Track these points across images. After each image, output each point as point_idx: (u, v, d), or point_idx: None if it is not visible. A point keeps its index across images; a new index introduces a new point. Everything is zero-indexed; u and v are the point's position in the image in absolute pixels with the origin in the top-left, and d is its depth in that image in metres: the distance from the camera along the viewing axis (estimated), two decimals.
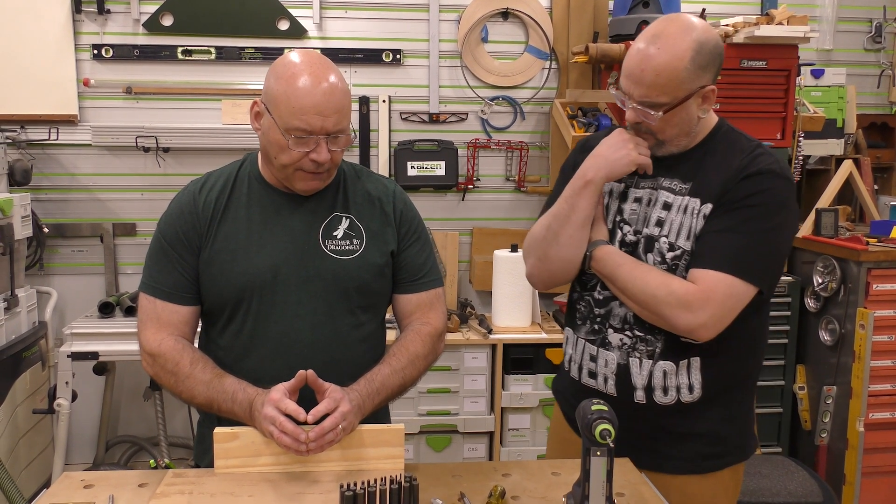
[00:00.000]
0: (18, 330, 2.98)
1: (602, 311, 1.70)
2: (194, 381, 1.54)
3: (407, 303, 1.72)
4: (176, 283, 1.60)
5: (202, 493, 1.43)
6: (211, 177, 1.67)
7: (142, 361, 1.61)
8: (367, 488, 1.19)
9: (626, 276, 1.61)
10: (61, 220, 3.40)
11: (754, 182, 1.57)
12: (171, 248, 1.60)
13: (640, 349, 1.65)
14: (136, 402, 3.46)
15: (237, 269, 1.58)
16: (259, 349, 1.61)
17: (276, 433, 1.42)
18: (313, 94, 1.48)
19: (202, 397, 1.53)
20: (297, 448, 1.42)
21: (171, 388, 1.58)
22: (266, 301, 1.59)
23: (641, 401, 1.65)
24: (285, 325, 1.60)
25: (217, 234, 1.60)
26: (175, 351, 1.56)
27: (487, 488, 1.49)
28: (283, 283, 1.59)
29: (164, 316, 1.59)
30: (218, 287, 1.60)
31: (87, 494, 1.47)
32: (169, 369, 1.55)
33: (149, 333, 1.59)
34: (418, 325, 1.70)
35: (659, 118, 1.57)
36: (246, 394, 1.50)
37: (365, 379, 1.57)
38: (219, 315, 1.63)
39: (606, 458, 1.32)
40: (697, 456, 1.68)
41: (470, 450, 3.20)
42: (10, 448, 2.85)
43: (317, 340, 1.60)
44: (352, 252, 1.63)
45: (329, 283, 1.61)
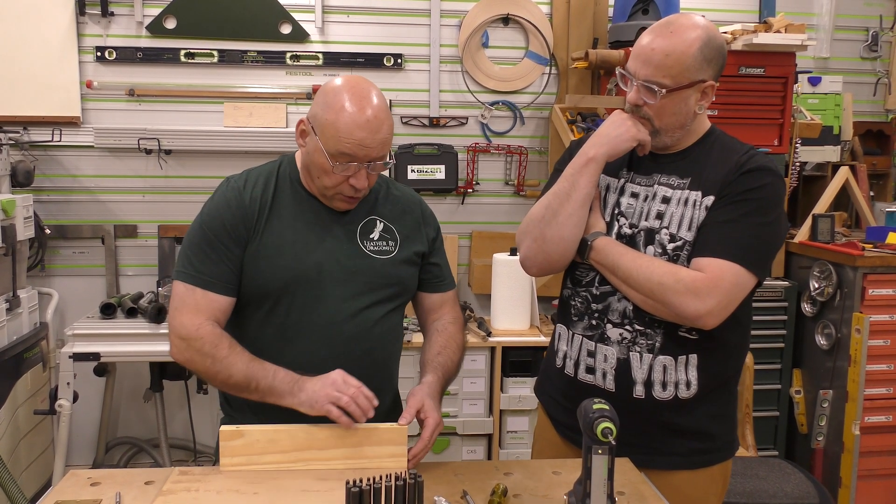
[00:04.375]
0: (20, 331, 2.99)
1: (600, 306, 1.72)
2: (233, 360, 1.57)
3: (434, 300, 1.85)
4: (221, 274, 1.63)
5: (208, 491, 1.44)
6: (251, 175, 1.72)
7: (171, 348, 1.63)
8: (372, 485, 1.21)
9: (629, 266, 1.63)
10: (63, 221, 3.41)
11: (754, 177, 1.62)
12: (216, 239, 1.63)
13: (640, 343, 1.67)
14: (136, 403, 3.47)
15: (283, 264, 1.64)
16: (303, 339, 1.66)
17: (346, 399, 1.49)
18: (360, 127, 1.56)
19: (240, 375, 1.56)
20: (349, 423, 1.51)
21: (204, 370, 1.60)
22: (311, 295, 1.66)
23: (640, 396, 1.67)
24: (329, 317, 1.66)
25: (265, 230, 1.65)
26: (214, 335, 1.59)
27: (489, 487, 1.51)
28: (328, 278, 1.66)
29: (202, 304, 1.61)
30: (263, 279, 1.65)
31: (94, 492, 1.48)
32: (206, 351, 1.57)
33: (185, 318, 1.61)
34: (451, 318, 1.85)
35: (660, 98, 1.61)
36: (289, 373, 1.56)
37: (433, 373, 1.69)
38: (257, 307, 1.67)
39: (608, 456, 1.33)
40: (690, 452, 1.71)
41: (469, 452, 3.22)
42: (10, 449, 2.86)
43: (357, 332, 1.68)
44: (388, 252, 1.73)
45: (369, 280, 1.70)
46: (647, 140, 1.68)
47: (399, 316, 1.81)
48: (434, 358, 1.75)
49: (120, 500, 1.43)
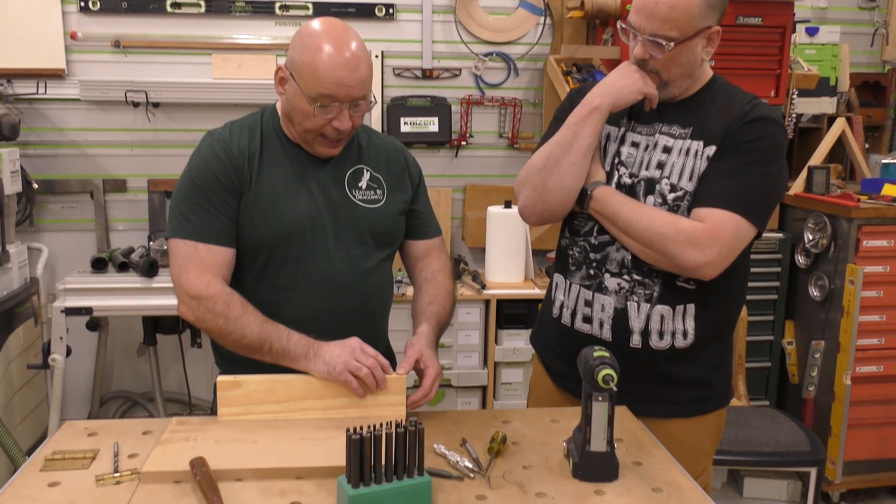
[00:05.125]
0: (10, 286, 2.96)
1: (598, 255, 1.71)
2: (247, 320, 1.55)
3: (420, 248, 1.85)
4: (220, 226, 1.61)
5: (207, 440, 1.44)
6: (234, 127, 1.69)
7: (180, 307, 1.60)
8: (373, 432, 1.21)
9: (629, 215, 1.61)
10: (51, 175, 3.36)
11: (756, 127, 1.60)
12: (210, 191, 1.60)
13: (638, 293, 1.66)
14: (129, 357, 3.47)
15: (277, 216, 1.62)
16: (302, 292, 1.65)
17: (365, 371, 1.50)
18: (338, 65, 1.54)
19: (254, 336, 1.54)
20: (362, 395, 1.53)
21: (216, 330, 1.58)
22: (305, 247, 1.64)
23: (637, 345, 1.68)
24: (324, 268, 1.65)
25: (257, 180, 1.63)
26: (226, 294, 1.57)
27: (488, 435, 1.51)
28: (321, 230, 1.65)
29: (207, 259, 1.59)
30: (259, 232, 1.63)
31: (91, 442, 1.48)
32: (219, 311, 1.55)
33: (193, 277, 1.58)
34: (439, 266, 1.84)
35: (668, 51, 1.58)
36: (303, 337, 1.55)
37: (427, 323, 1.68)
38: (252, 261, 1.66)
39: (608, 403, 1.34)
40: (685, 400, 1.72)
41: (463, 403, 3.24)
42: (4, 403, 2.85)
43: (352, 282, 1.68)
44: (377, 201, 1.72)
45: (360, 229, 1.70)
46: (654, 94, 1.65)
47: (389, 265, 1.80)
48: (426, 308, 1.74)
49: (118, 451, 1.42)
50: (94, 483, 1.31)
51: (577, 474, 1.36)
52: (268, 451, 1.40)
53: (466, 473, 1.36)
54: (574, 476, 1.36)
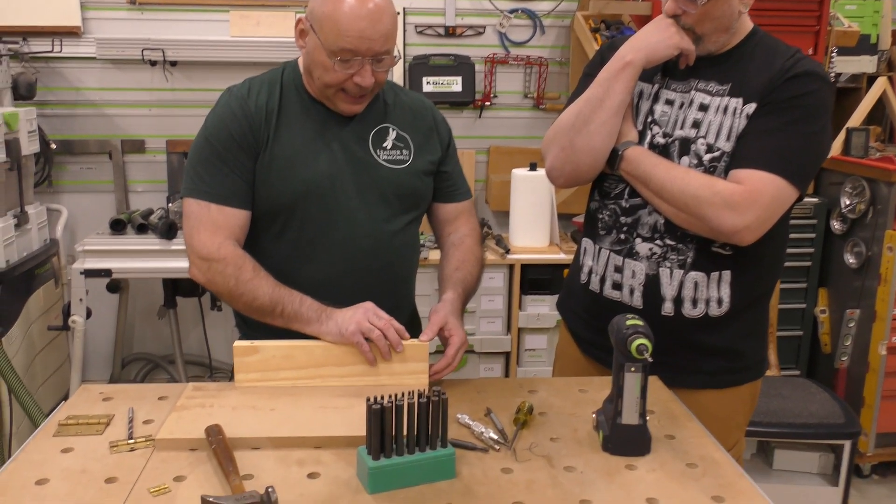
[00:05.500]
0: (30, 247, 2.94)
1: (629, 219, 1.64)
2: (258, 283, 1.50)
3: (448, 211, 1.77)
4: (234, 187, 1.55)
5: (223, 407, 1.40)
6: (253, 83, 1.62)
7: (191, 268, 1.56)
8: (394, 402, 1.15)
9: (663, 177, 1.53)
10: (69, 136, 3.32)
11: (800, 83, 1.50)
12: (225, 151, 1.54)
13: (670, 259, 1.59)
14: (150, 320, 3.45)
15: (295, 176, 1.56)
16: (322, 256, 1.60)
17: (376, 333, 1.44)
18: (360, 17, 1.46)
19: (266, 298, 1.50)
20: (374, 361, 1.48)
21: (227, 292, 1.53)
22: (325, 208, 1.58)
23: (669, 313, 1.61)
24: (345, 231, 1.59)
25: (275, 139, 1.57)
26: (237, 255, 1.52)
27: (513, 405, 1.45)
28: (342, 190, 1.58)
29: (220, 220, 1.54)
30: (275, 192, 1.57)
31: (106, 407, 1.44)
32: (230, 273, 1.51)
33: (204, 238, 1.53)
34: (468, 230, 1.76)
35: (700, 5, 1.49)
36: (316, 301, 1.50)
37: (452, 290, 1.62)
38: (270, 222, 1.60)
39: (641, 374, 1.27)
40: (719, 371, 1.66)
41: (486, 370, 3.19)
42: (26, 364, 2.84)
43: (375, 246, 1.62)
44: (402, 161, 1.65)
45: (384, 191, 1.62)
46: (690, 49, 1.56)
47: (416, 229, 1.74)
48: (453, 274, 1.67)
49: (133, 416, 1.39)
50: (107, 449, 1.27)
51: (607, 448, 1.30)
52: (286, 419, 1.35)
53: (491, 445, 1.30)
54: (604, 449, 1.30)
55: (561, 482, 1.20)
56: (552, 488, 1.18)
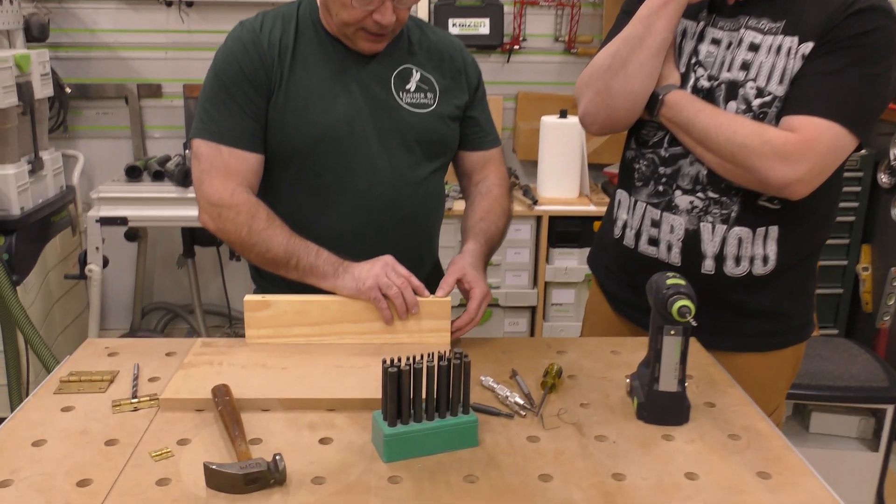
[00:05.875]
0: (45, 194, 2.88)
1: (669, 170, 1.52)
2: (272, 232, 1.41)
3: (476, 160, 1.66)
4: (244, 128, 1.44)
5: (232, 365, 1.32)
6: (267, 17, 1.51)
7: (201, 215, 1.47)
8: (412, 365, 1.06)
9: (707, 124, 1.41)
10: (84, 80, 3.23)
11: (863, 19, 1.35)
12: (236, 88, 1.44)
13: (713, 213, 1.48)
14: (170, 269, 3.40)
15: (311, 118, 1.45)
16: (339, 206, 1.50)
17: (394, 290, 1.35)
18: None
19: (280, 249, 1.40)
20: (390, 319, 1.39)
21: (239, 241, 1.44)
22: (343, 155, 1.48)
23: (709, 271, 1.50)
24: (365, 180, 1.49)
25: (289, 79, 1.45)
26: (250, 203, 1.42)
27: (540, 366, 1.36)
28: (361, 136, 1.48)
29: (231, 164, 1.44)
30: (290, 135, 1.46)
31: (111, 363, 1.37)
32: (241, 221, 1.41)
33: (216, 183, 1.43)
34: (496, 179, 1.65)
35: None
36: (333, 255, 1.42)
37: (474, 240, 1.52)
38: (284, 168, 1.50)
39: (682, 337, 1.17)
40: (761, 333, 1.56)
41: (511, 324, 3.11)
42: (44, 313, 2.81)
43: (397, 196, 1.52)
44: (427, 105, 1.54)
45: (406, 137, 1.52)
46: None
47: (440, 178, 1.63)
48: (476, 224, 1.57)
49: (138, 373, 1.31)
50: (109, 408, 1.21)
51: (642, 416, 1.20)
52: (297, 379, 1.27)
53: (517, 411, 1.21)
54: (638, 417, 1.21)
55: (592, 453, 1.11)
56: (582, 459, 1.09)
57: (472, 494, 1.00)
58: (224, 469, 0.99)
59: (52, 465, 1.05)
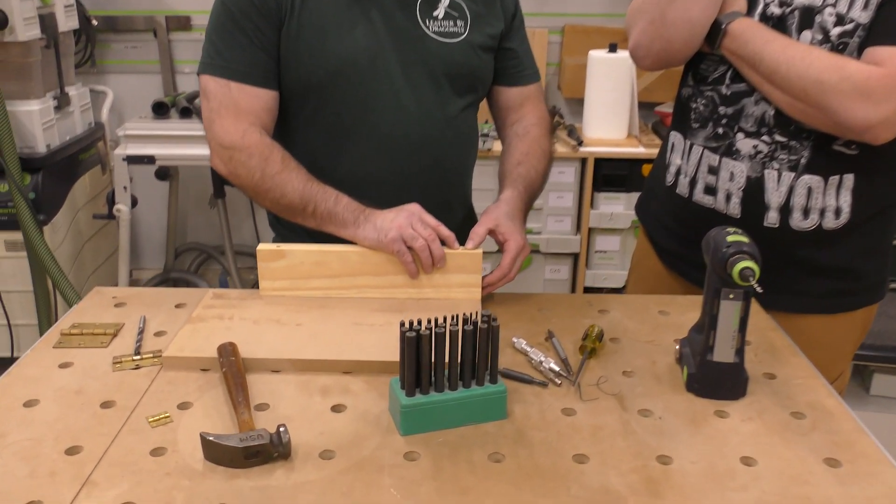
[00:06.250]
0: (73, 131, 2.80)
1: (730, 109, 1.36)
2: (287, 177, 1.29)
3: (512, 96, 1.51)
4: (254, 61, 1.31)
5: (244, 319, 1.22)
6: None
7: (212, 158, 1.35)
8: (433, 329, 0.95)
9: (777, 57, 1.24)
10: (111, 11, 3.11)
11: None
12: (243, 17, 1.30)
13: (780, 159, 1.32)
14: (202, 208, 3.33)
15: (328, 50, 1.31)
16: (360, 147, 1.38)
17: (420, 243, 1.23)
18: None
19: (295, 194, 1.29)
20: (415, 273, 1.27)
21: (253, 186, 1.32)
22: (363, 90, 1.34)
23: (773, 224, 1.35)
24: (389, 119, 1.36)
25: (301, 5, 1.31)
26: (264, 145, 1.30)
27: (580, 327, 1.24)
28: (383, 69, 1.34)
29: (242, 102, 1.31)
30: (304, 69, 1.32)
31: (117, 314, 1.28)
32: (254, 165, 1.29)
33: (227, 124, 1.31)
34: (535, 118, 1.51)
35: None
36: (353, 202, 1.30)
37: (512, 187, 1.39)
38: (300, 107, 1.37)
39: (742, 302, 1.03)
40: (830, 293, 1.41)
41: (552, 271, 2.97)
42: (74, 253, 2.76)
43: (425, 134, 1.38)
44: (456, 35, 1.38)
45: (434, 69, 1.37)
46: None
47: (473, 116, 1.49)
48: (514, 169, 1.43)
49: (143, 327, 1.22)
50: (110, 365, 1.12)
51: (693, 388, 1.07)
52: (312, 337, 1.16)
53: (552, 378, 1.09)
54: (688, 389, 1.08)
55: (634, 430, 0.98)
56: (623, 437, 0.97)
57: (496, 476, 0.89)
58: (222, 441, 0.90)
59: (41, 428, 0.97)
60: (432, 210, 1.31)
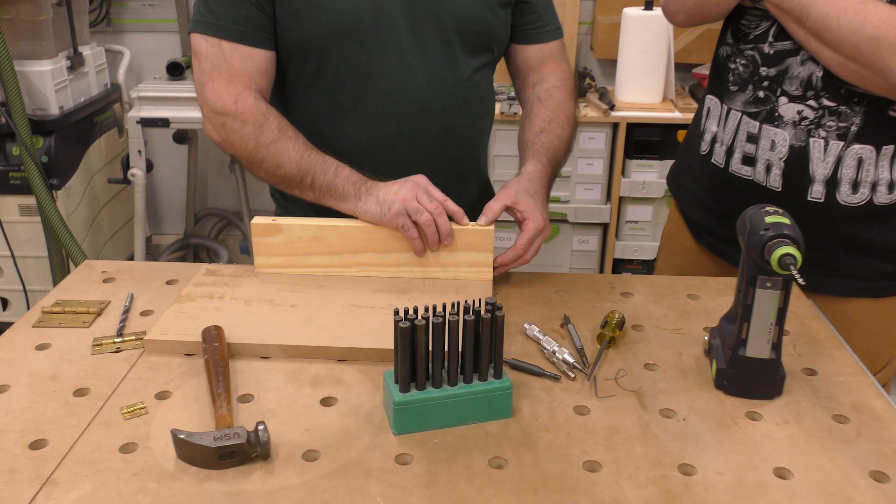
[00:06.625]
0: (88, 92, 2.72)
1: (773, 70, 1.23)
2: (283, 145, 1.19)
3: (532, 55, 1.39)
4: (248, 19, 1.20)
5: (235, 299, 1.13)
6: None
7: (204, 124, 1.25)
8: (430, 318, 0.85)
9: (827, 10, 1.11)
10: None
11: None
12: None
13: (827, 126, 1.19)
14: (223, 173, 3.26)
15: (327, 5, 1.20)
16: (364, 112, 1.27)
17: (425, 217, 1.13)
18: None
19: (292, 165, 1.18)
20: (421, 250, 1.17)
21: (247, 156, 1.22)
22: (367, 50, 1.23)
23: (818, 198, 1.23)
24: (395, 80, 1.25)
25: None
26: (258, 111, 1.20)
27: (599, 312, 1.13)
28: (388, 26, 1.23)
29: (235, 63, 1.21)
30: (301, 28, 1.21)
31: (104, 290, 1.21)
32: (247, 133, 1.19)
33: (218, 87, 1.21)
34: (558, 79, 1.39)
35: None
36: (355, 172, 1.19)
37: (534, 160, 1.27)
38: (298, 68, 1.26)
39: (780, 292, 0.91)
40: (879, 275, 1.29)
41: (580, 242, 2.85)
42: (90, 218, 2.71)
43: (433, 99, 1.27)
44: None
45: (444, 26, 1.25)
46: None
47: (488, 78, 1.37)
48: (535, 138, 1.31)
49: (129, 305, 1.14)
50: (89, 348, 1.04)
51: (722, 385, 0.96)
52: (306, 321, 1.07)
53: (565, 371, 0.99)
54: (717, 387, 0.97)
55: (654, 433, 0.88)
56: (641, 443, 0.86)
57: (497, 485, 0.80)
58: (194, 440, 0.81)
59: (6, 419, 0.90)
60: (444, 183, 1.20)
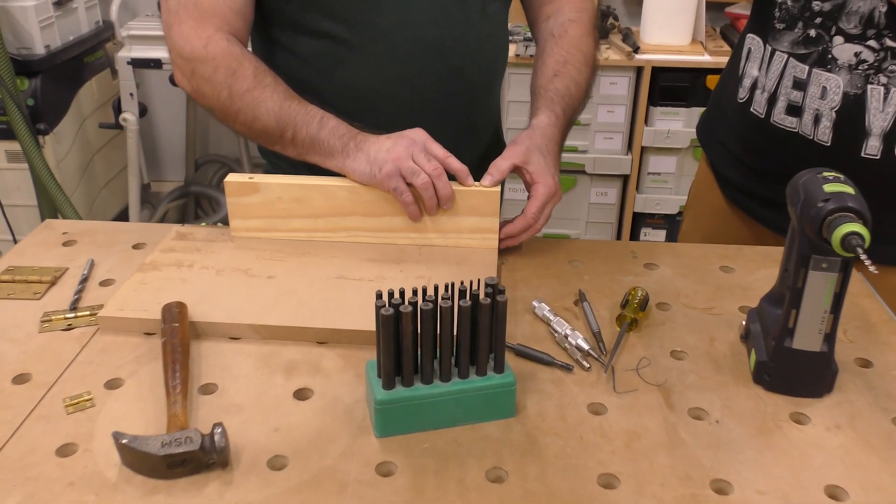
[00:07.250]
0: (77, 30, 2.56)
1: (828, 5, 1.07)
2: (259, 94, 1.03)
3: None
4: None
5: (206, 268, 1.00)
6: None
7: (174, 72, 1.10)
8: (418, 304, 0.71)
9: None
10: None
11: None
12: None
13: (889, 71, 1.04)
14: None
15: None
16: (360, 54, 1.11)
17: (422, 179, 0.99)
18: None
19: (270, 117, 1.03)
20: (417, 215, 1.03)
21: (218, 106, 1.07)
22: None
23: (873, 155, 1.09)
24: (396, 17, 1.11)
25: None
26: (231, 56, 1.04)
27: (619, 287, 0.99)
28: None
29: (205, 3, 1.05)
30: None
31: (63, 255, 1.08)
32: (219, 80, 1.04)
33: (186, 29, 1.05)
34: (573, 13, 1.21)
35: None
36: (343, 124, 1.04)
37: (547, 110, 1.12)
38: (283, 6, 1.10)
39: (839, 274, 0.76)
40: None
41: (598, 194, 2.69)
42: (82, 164, 2.57)
43: (439, 39, 1.12)
44: None
45: None
46: None
47: (502, 14, 1.21)
48: (548, 84, 1.15)
49: (88, 274, 1.01)
50: (38, 324, 0.92)
51: (762, 380, 0.82)
52: (283, 294, 0.94)
53: (578, 359, 0.85)
54: (756, 381, 0.83)
55: (683, 439, 0.75)
56: (667, 451, 0.73)
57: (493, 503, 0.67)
58: (138, 446, 0.69)
59: None
60: (452, 134, 1.06)
